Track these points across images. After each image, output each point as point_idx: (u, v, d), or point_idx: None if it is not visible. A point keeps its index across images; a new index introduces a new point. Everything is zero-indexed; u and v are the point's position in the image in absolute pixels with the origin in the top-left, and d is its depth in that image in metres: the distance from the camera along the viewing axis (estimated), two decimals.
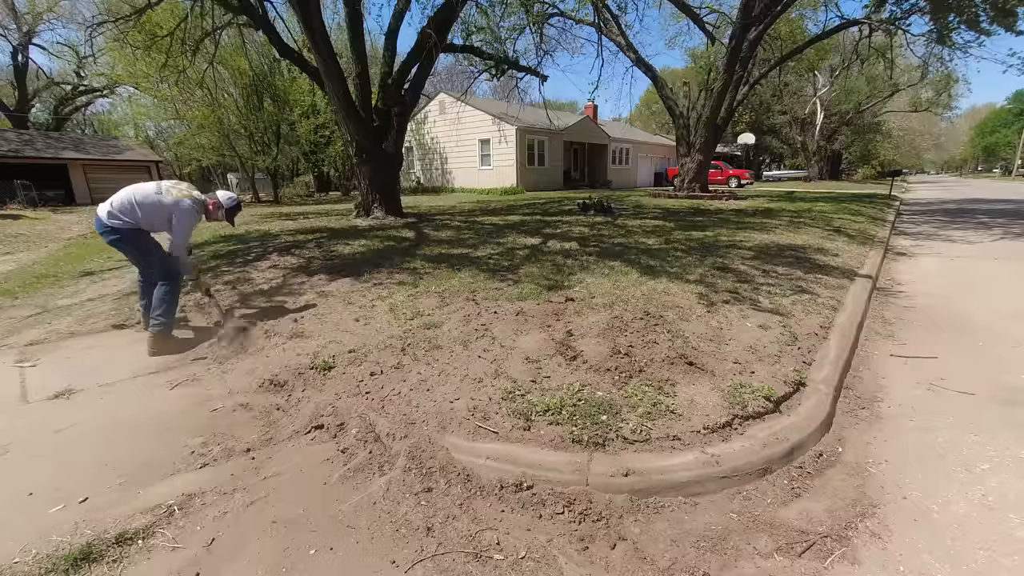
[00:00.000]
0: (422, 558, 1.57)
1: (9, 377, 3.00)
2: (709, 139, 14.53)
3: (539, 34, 11.61)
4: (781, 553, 1.58)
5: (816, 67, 26.65)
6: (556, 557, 1.57)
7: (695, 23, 14.94)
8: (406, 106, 8.99)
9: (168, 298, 3.35)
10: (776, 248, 5.85)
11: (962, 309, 4.14)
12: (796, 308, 3.59)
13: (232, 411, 2.56)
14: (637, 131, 35.98)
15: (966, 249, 7.00)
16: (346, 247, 6.14)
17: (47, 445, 2.26)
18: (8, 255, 7.87)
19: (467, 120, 21.54)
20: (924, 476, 1.95)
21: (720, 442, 2.02)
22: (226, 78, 15.71)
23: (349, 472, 2.00)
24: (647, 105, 47.98)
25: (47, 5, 24.49)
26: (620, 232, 7.23)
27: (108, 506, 1.82)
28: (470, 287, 4.14)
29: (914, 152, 46.76)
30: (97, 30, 8.96)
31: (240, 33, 12.30)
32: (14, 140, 19.69)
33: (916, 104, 34.34)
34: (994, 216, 11.25)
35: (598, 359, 2.65)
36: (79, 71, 27.26)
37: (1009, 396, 2.59)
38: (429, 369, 2.71)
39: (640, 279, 4.25)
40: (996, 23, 11.20)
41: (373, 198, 8.92)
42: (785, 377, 2.53)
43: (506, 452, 1.99)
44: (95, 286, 5.17)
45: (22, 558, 1.56)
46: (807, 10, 17.85)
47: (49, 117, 29.61)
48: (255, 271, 5.08)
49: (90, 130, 34.80)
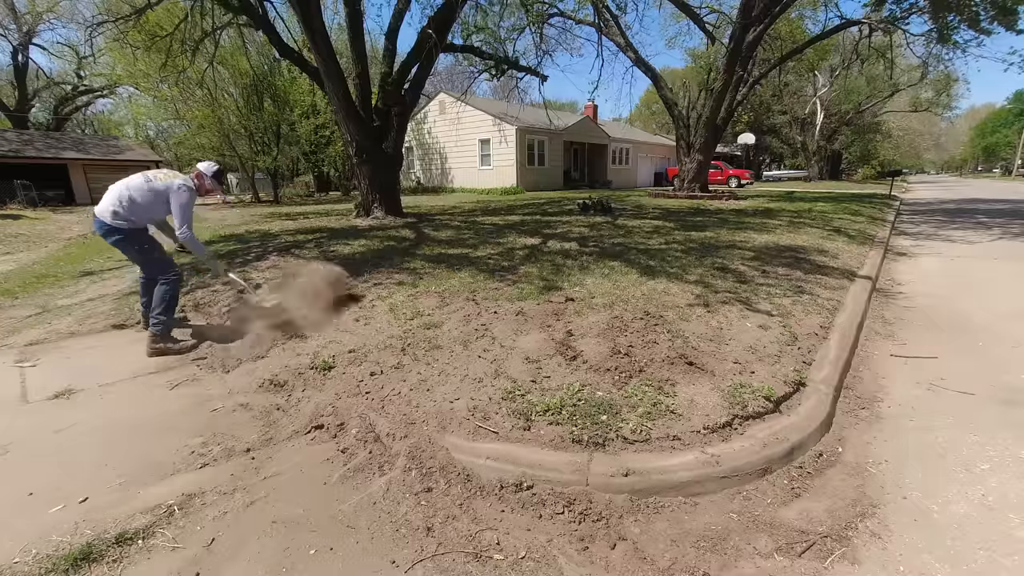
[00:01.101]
0: (422, 558, 1.57)
1: (9, 377, 3.00)
2: (709, 139, 14.52)
3: (539, 34, 11.63)
4: (781, 553, 1.58)
5: (816, 67, 26.62)
6: (556, 557, 1.57)
7: (695, 23, 14.94)
8: (406, 106, 9.00)
9: (168, 296, 3.34)
10: (776, 248, 5.85)
11: (962, 309, 4.14)
12: (796, 308, 3.59)
13: (232, 411, 2.56)
14: (637, 131, 35.98)
15: (966, 249, 7.00)
16: (346, 247, 6.14)
17: (47, 445, 2.26)
18: (8, 255, 7.87)
19: (467, 120, 21.54)
20: (924, 476, 1.95)
21: (720, 442, 2.02)
22: (226, 78, 15.73)
23: (349, 472, 2.00)
24: (647, 105, 47.96)
25: (47, 5, 24.51)
26: (620, 232, 7.23)
27: (108, 506, 1.82)
28: (470, 287, 4.14)
29: (914, 152, 46.76)
30: (97, 30, 8.97)
31: (240, 33, 12.31)
32: (14, 140, 19.70)
33: (916, 104, 34.36)
34: (994, 216, 11.25)
35: (598, 359, 2.65)
36: (79, 71, 27.27)
37: (1009, 396, 2.59)
38: (429, 369, 2.71)
39: (640, 279, 4.25)
40: (996, 22, 11.19)
41: (373, 198, 8.92)
42: (785, 377, 2.53)
43: (506, 452, 1.99)
44: (95, 286, 5.17)
45: (22, 558, 1.56)
46: (807, 10, 17.85)
47: (49, 117, 29.63)
48: (255, 271, 5.08)
49: (90, 130, 34.82)
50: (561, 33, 13.91)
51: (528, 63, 11.45)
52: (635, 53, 14.96)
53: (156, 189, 3.27)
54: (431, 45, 8.23)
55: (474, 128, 21.85)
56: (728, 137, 31.36)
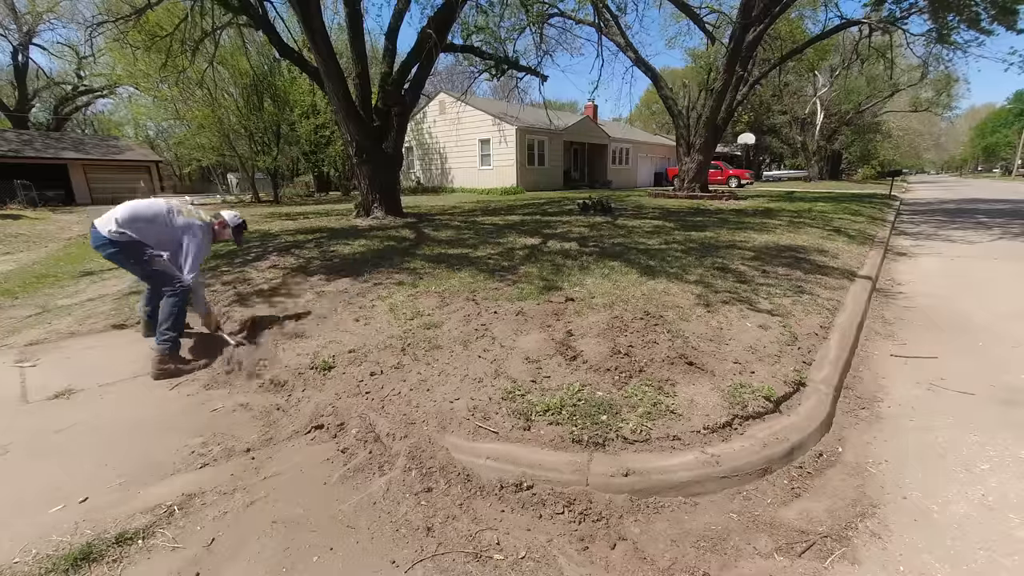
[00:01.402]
0: (422, 558, 1.57)
1: (9, 377, 3.00)
2: (709, 139, 14.52)
3: (539, 34, 11.64)
4: (781, 553, 1.58)
5: (816, 67, 26.63)
6: (556, 557, 1.57)
7: (695, 23, 14.95)
8: (406, 106, 8.99)
9: (176, 310, 3.04)
10: (776, 248, 5.85)
11: (962, 309, 4.14)
12: (796, 308, 3.59)
13: (232, 411, 2.56)
14: (637, 131, 35.98)
15: (966, 249, 7.00)
16: (346, 247, 6.14)
17: (47, 445, 2.26)
18: (8, 255, 7.87)
19: (467, 120, 21.54)
20: (924, 476, 1.95)
21: (720, 442, 2.02)
22: (226, 78, 15.72)
23: (349, 472, 2.00)
24: (647, 105, 47.97)
25: (47, 5, 24.52)
26: (620, 232, 7.23)
27: (108, 506, 1.82)
28: (470, 287, 4.14)
29: (914, 152, 46.75)
30: (97, 30, 8.98)
31: (240, 33, 12.32)
32: (14, 140, 19.71)
33: (916, 104, 34.37)
34: (994, 216, 11.25)
35: (598, 359, 2.65)
36: (79, 71, 27.28)
37: (1009, 396, 2.59)
38: (429, 369, 2.71)
39: (640, 279, 4.25)
40: (997, 21, 11.17)
41: (373, 198, 8.92)
42: (785, 377, 2.53)
43: (506, 452, 1.99)
44: (95, 286, 5.17)
45: (22, 558, 1.56)
46: (807, 10, 17.88)
47: (49, 117, 29.64)
48: (255, 271, 5.08)
49: (90, 130, 34.82)
50: (561, 33, 13.93)
51: (528, 63, 11.47)
52: (635, 53, 14.96)
53: (175, 224, 3.07)
54: (431, 45, 8.23)
55: (474, 128, 21.85)
56: (728, 137, 31.37)
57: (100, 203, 18.05)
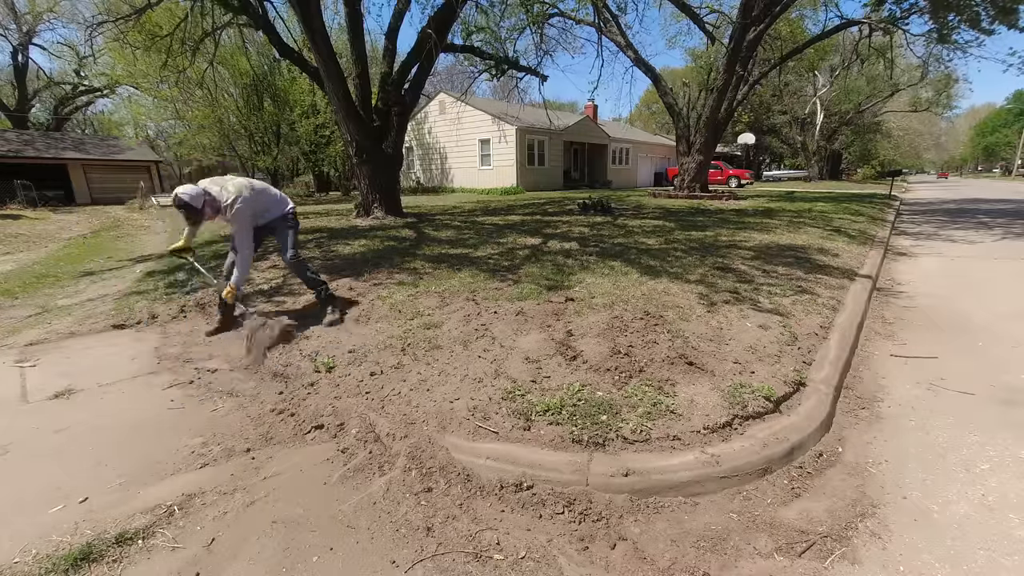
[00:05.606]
0: (422, 558, 1.57)
1: (9, 377, 3.00)
2: (709, 139, 14.52)
3: (539, 34, 11.64)
4: (781, 553, 1.58)
5: (816, 67, 26.67)
6: (556, 557, 1.57)
7: (695, 23, 14.93)
8: (406, 106, 9.00)
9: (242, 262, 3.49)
10: (776, 248, 5.85)
11: (962, 309, 4.14)
12: (796, 308, 3.59)
13: (232, 411, 2.56)
14: (637, 131, 35.97)
15: (966, 249, 7.00)
16: (346, 247, 6.14)
17: (47, 445, 2.26)
18: (8, 255, 7.87)
19: (467, 120, 21.54)
20: (924, 476, 1.95)
21: (720, 442, 2.02)
22: (226, 78, 15.75)
23: (349, 472, 2.00)
24: (647, 105, 47.96)
25: (47, 5, 24.52)
26: (620, 232, 7.23)
27: (108, 506, 1.82)
28: (470, 287, 4.14)
29: (914, 152, 46.70)
30: (97, 30, 8.98)
31: (240, 33, 12.34)
32: (14, 140, 19.72)
33: (916, 104, 34.35)
34: (994, 216, 11.25)
35: (598, 359, 2.65)
36: (79, 71, 27.26)
37: (1009, 396, 2.59)
38: (429, 369, 2.71)
39: (640, 279, 4.25)
40: (997, 21, 11.16)
41: (373, 198, 8.92)
42: (785, 377, 2.53)
43: (506, 452, 1.99)
44: (95, 286, 5.17)
45: (22, 558, 1.56)
46: (807, 10, 17.88)
47: (49, 117, 29.64)
48: (255, 271, 5.08)
49: (90, 130, 34.82)
50: (561, 33, 13.91)
51: (528, 63, 11.46)
52: (635, 53, 14.96)
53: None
54: (431, 45, 8.23)
55: (474, 128, 21.85)
56: (728, 137, 31.36)
57: (100, 203, 18.04)
